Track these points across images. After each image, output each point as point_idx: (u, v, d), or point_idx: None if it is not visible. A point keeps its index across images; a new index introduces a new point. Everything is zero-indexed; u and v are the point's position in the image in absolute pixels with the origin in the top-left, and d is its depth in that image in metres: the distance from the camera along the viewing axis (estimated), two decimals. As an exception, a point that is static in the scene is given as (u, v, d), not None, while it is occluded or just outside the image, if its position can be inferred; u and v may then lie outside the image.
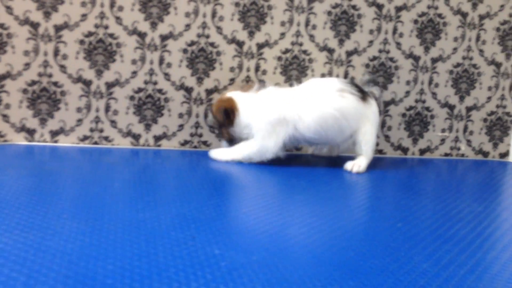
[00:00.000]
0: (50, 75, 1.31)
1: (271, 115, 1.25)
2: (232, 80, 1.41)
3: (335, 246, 0.82)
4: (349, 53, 1.46)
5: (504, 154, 1.63)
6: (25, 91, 1.30)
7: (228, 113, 1.27)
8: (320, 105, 1.26)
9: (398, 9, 1.47)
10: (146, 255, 0.73)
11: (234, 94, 1.30)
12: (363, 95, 1.29)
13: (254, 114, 1.26)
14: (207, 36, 1.38)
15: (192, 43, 1.38)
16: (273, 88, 1.29)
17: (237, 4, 1.38)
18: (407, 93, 1.52)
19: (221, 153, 1.30)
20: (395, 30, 1.48)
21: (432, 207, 1.07)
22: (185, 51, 1.37)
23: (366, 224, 0.95)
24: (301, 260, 0.76)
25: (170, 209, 0.92)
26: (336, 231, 0.88)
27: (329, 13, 1.43)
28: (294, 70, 1.44)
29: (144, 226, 0.83)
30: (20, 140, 1.33)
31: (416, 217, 0.99)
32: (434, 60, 1.52)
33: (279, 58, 1.43)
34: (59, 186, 1.00)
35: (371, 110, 1.30)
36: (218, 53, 1.39)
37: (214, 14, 1.37)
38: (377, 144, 1.53)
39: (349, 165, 1.31)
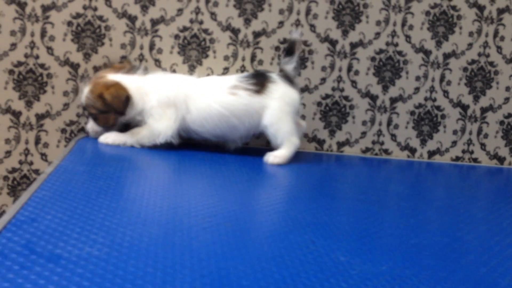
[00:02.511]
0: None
1: (162, 97, 1.18)
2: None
3: None
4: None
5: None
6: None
7: (127, 101, 1.18)
8: (206, 101, 1.19)
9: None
10: (272, 257, 0.69)
11: (120, 78, 1.19)
12: (261, 87, 1.19)
13: (146, 99, 1.19)
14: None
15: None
16: (162, 74, 1.24)
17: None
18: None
19: (111, 137, 1.20)
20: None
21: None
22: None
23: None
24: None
25: (282, 211, 0.88)
26: None
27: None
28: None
29: (261, 227, 0.80)
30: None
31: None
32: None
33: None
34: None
35: (273, 97, 1.18)
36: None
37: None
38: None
39: (269, 157, 1.19)
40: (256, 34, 1.34)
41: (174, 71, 1.33)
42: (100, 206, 0.80)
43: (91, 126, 1.24)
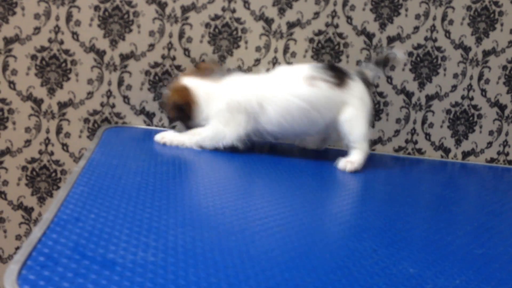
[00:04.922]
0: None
1: (233, 101, 1.08)
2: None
3: None
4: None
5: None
6: (147, 73, 1.21)
7: (182, 109, 1.11)
8: (283, 95, 1.08)
9: (450, -8, 1.31)
10: (338, 267, 0.63)
11: (191, 82, 1.12)
12: (340, 81, 1.10)
13: (214, 104, 1.10)
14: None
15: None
16: (237, 76, 1.13)
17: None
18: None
19: (168, 137, 1.11)
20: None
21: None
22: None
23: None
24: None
25: (331, 215, 0.83)
26: None
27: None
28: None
29: (314, 232, 0.74)
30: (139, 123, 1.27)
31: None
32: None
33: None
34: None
35: (353, 94, 1.10)
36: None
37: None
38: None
39: (341, 163, 1.10)
40: (290, 25, 1.28)
41: (203, 61, 1.27)
42: (143, 205, 0.74)
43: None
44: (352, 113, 1.09)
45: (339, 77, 1.11)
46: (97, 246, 0.59)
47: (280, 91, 1.09)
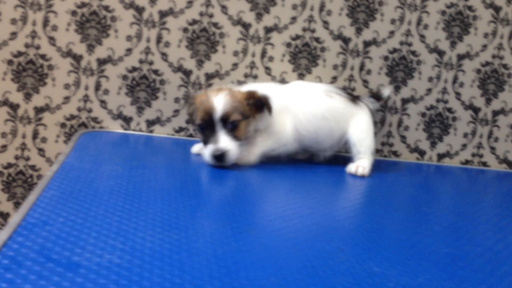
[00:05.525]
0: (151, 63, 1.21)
1: (277, 104, 1.11)
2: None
3: None
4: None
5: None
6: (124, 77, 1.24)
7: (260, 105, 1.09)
8: (311, 104, 1.16)
9: (424, -3, 1.33)
10: (304, 267, 0.64)
11: (248, 88, 1.12)
12: (352, 97, 1.22)
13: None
14: None
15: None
16: (258, 85, 1.15)
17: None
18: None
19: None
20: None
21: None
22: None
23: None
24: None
25: (301, 216, 0.83)
26: None
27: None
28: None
29: (285, 234, 0.75)
30: (116, 127, 1.27)
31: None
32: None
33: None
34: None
35: (362, 110, 1.21)
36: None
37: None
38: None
39: (352, 167, 1.16)
40: (268, 30, 1.29)
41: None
42: (114, 208, 0.75)
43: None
44: (363, 126, 1.19)
45: (350, 95, 1.22)
46: (63, 249, 0.60)
47: (306, 99, 1.16)
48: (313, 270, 0.64)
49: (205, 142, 1.07)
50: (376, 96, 1.30)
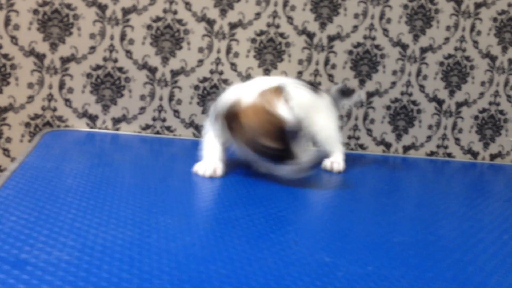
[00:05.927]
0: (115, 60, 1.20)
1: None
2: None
3: None
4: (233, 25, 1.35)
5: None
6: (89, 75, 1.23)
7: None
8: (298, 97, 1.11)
9: (386, -8, 1.35)
10: (255, 259, 0.65)
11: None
12: (314, 88, 1.17)
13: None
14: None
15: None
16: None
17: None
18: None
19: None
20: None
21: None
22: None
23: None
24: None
25: (258, 207, 0.85)
26: None
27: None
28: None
29: (239, 226, 0.76)
30: (81, 126, 1.26)
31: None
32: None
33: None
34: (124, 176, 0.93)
35: (324, 102, 1.16)
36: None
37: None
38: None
39: (327, 164, 1.14)
40: (232, 26, 1.30)
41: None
42: (69, 206, 0.75)
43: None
44: (326, 119, 1.15)
45: (311, 86, 1.17)
46: (12, 247, 0.60)
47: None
48: (264, 261, 0.65)
49: (275, 162, 0.95)
50: (345, 92, 1.24)
